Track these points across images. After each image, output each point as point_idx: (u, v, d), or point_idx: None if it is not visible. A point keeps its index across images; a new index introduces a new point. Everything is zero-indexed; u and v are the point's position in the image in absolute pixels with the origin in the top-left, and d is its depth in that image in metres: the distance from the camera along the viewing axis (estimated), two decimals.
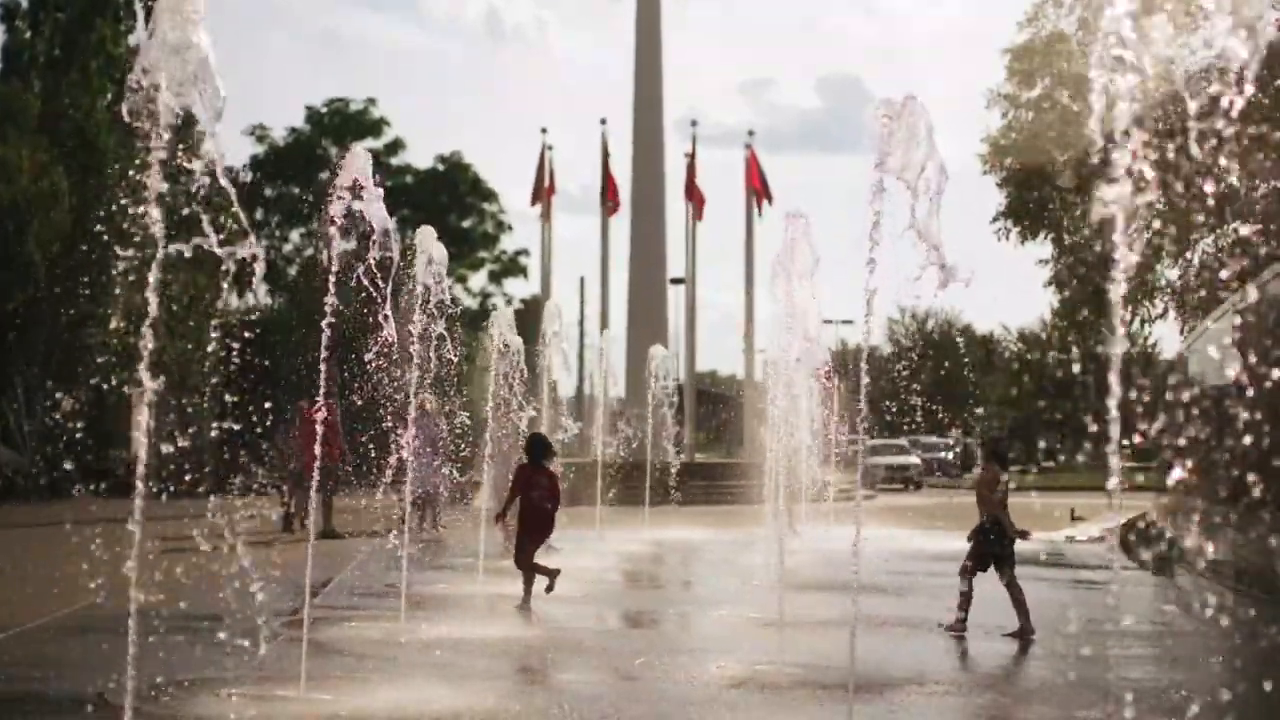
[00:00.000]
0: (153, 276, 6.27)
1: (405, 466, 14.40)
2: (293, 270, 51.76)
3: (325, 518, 22.06)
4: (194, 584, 10.89)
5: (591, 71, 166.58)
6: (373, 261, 10.43)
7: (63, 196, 31.95)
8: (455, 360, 15.47)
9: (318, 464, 11.29)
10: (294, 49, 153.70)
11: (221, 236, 6.37)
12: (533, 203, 45.46)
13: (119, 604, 6.97)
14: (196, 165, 6.27)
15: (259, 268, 6.59)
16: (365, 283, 10.53)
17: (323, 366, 9.86)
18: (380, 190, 10.07)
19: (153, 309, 6.31)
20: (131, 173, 6.28)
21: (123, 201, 6.42)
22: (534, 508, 13.98)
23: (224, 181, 6.34)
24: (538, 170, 44.95)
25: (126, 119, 6.18)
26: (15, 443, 33.69)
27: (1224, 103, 3.66)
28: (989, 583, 12.46)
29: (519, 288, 58.11)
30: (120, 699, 7.22)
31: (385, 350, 11.38)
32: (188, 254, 6.35)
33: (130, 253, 6.39)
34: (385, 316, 11.02)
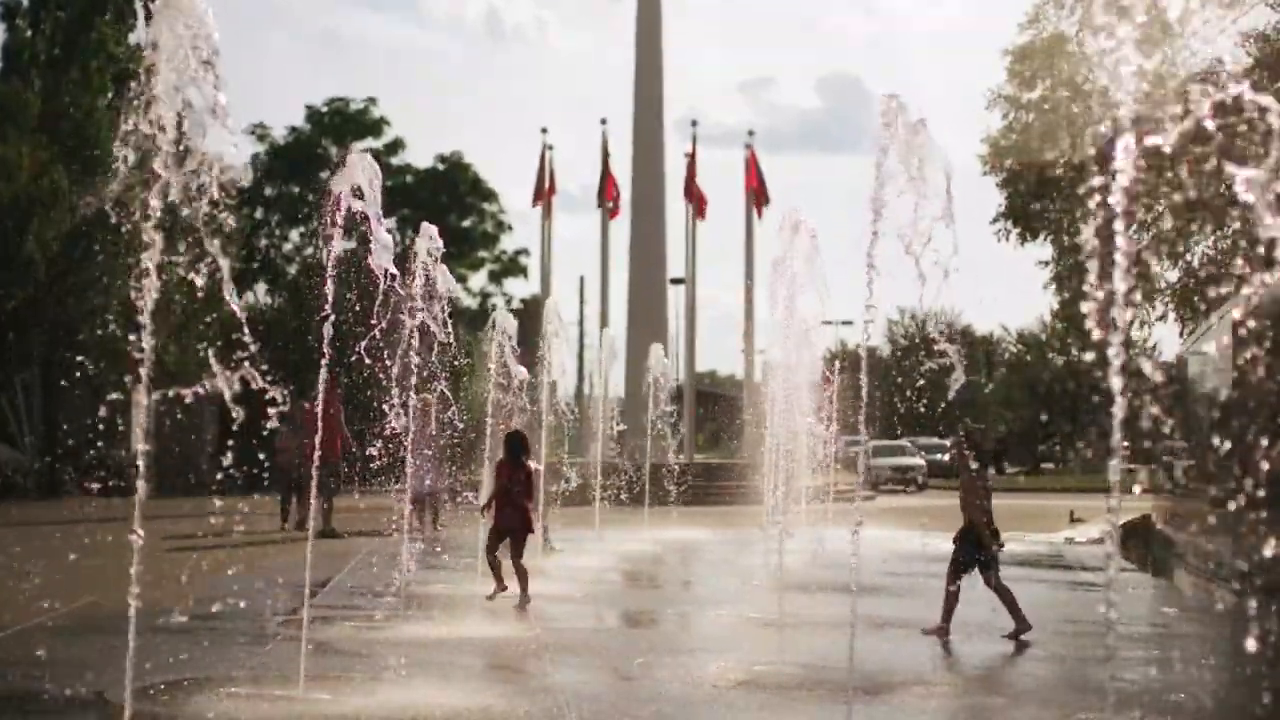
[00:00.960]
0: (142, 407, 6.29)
1: (405, 466, 14.44)
2: (292, 269, 51.76)
3: (325, 517, 22.07)
4: (193, 583, 10.93)
5: (592, 71, 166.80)
6: (379, 332, 10.51)
7: (63, 196, 31.93)
8: (459, 409, 15.65)
9: (316, 462, 11.28)
10: (294, 49, 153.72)
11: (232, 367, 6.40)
12: (534, 203, 45.48)
13: (118, 603, 6.98)
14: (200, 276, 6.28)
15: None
16: (368, 355, 10.60)
17: (323, 367, 9.85)
18: (390, 239, 10.04)
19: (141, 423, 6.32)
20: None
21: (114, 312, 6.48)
22: (511, 505, 14.19)
23: (232, 300, 6.36)
24: (539, 171, 44.97)
25: (109, 206, 6.19)
26: (15, 442, 33.69)
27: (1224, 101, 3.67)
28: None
29: (519, 287, 58.15)
30: (119, 698, 7.22)
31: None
32: (187, 397, 6.38)
33: (128, 378, 6.43)
34: (392, 406, 11.13)
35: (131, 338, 6.39)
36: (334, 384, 19.57)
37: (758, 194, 44.80)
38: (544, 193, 45.26)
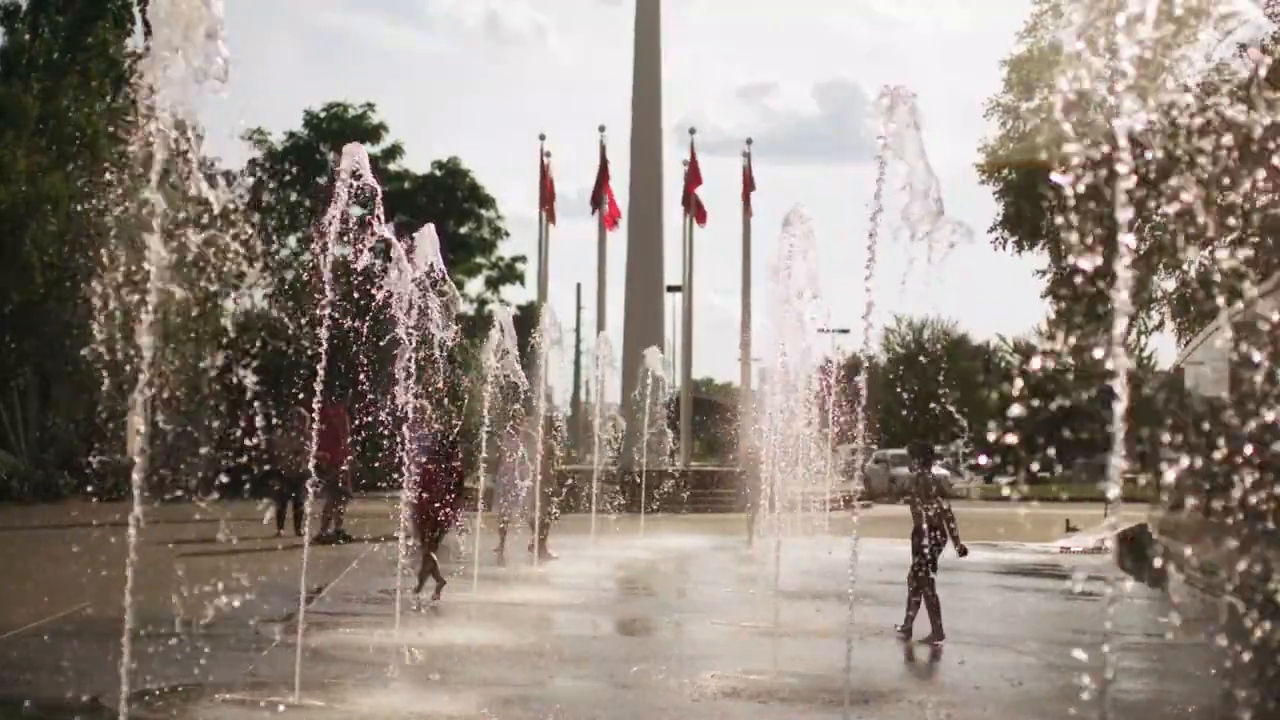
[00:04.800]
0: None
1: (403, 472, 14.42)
2: (289, 274, 51.70)
3: (336, 521, 22.06)
4: (189, 588, 10.88)
5: (591, 76, 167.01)
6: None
7: (61, 200, 31.92)
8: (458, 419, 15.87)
9: (312, 467, 11.29)
10: (292, 51, 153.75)
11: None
12: (540, 208, 45.45)
13: (113, 608, 6.97)
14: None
15: None
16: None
17: (320, 373, 9.83)
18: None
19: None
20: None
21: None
22: (442, 503, 14.78)
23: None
24: (541, 179, 44.97)
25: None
26: (11, 446, 33.64)
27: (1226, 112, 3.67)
28: (986, 592, 12.46)
29: (516, 294, 58.02)
30: (115, 704, 7.21)
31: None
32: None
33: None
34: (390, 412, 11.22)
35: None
36: (340, 391, 19.55)
37: (746, 204, 44.95)
38: (544, 199, 45.26)
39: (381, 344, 11.29)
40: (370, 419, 13.44)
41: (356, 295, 10.85)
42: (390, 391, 12.08)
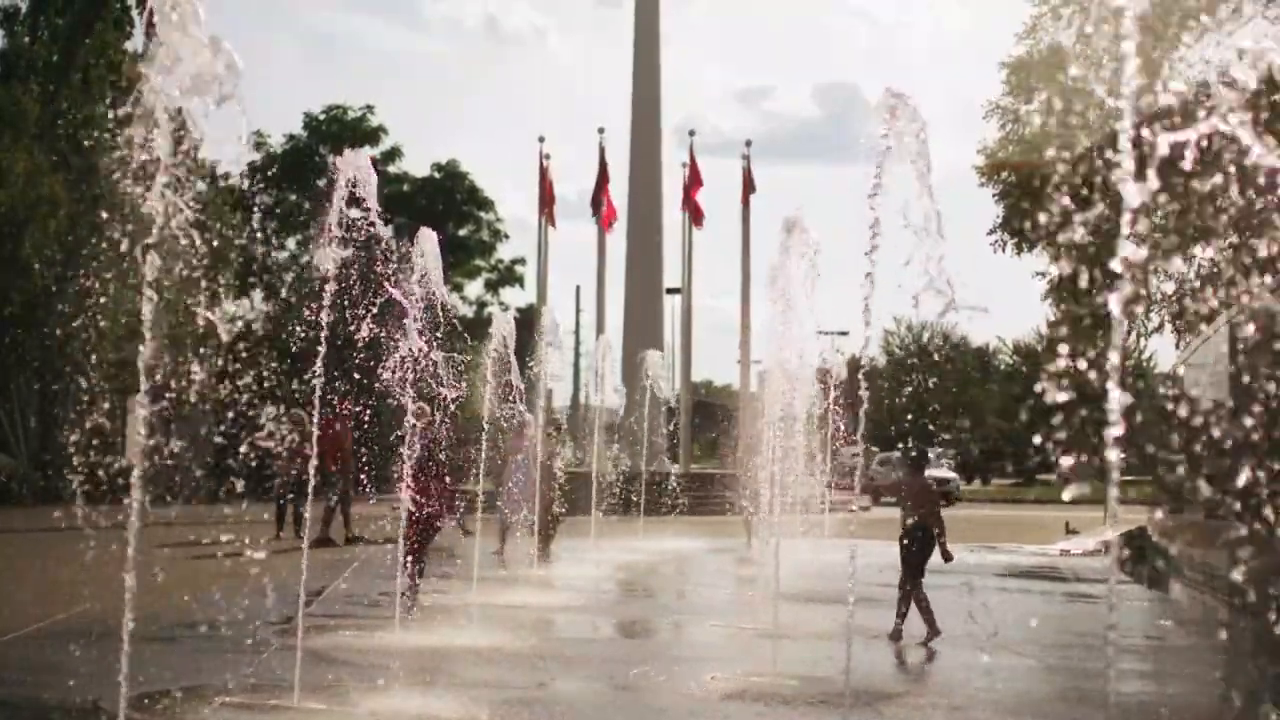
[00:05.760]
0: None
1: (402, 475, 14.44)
2: (288, 276, 51.68)
3: (324, 526, 22.05)
4: (189, 591, 10.90)
5: (591, 78, 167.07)
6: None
7: (61, 202, 31.91)
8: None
9: (312, 472, 11.30)
10: (292, 53, 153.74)
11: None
12: (540, 211, 45.42)
13: (113, 611, 6.97)
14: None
15: None
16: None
17: (318, 379, 9.83)
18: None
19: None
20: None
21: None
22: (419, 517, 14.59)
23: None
24: (540, 181, 44.95)
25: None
26: (10, 447, 33.63)
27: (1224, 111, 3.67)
28: (986, 594, 12.46)
29: (516, 296, 58.01)
30: (115, 707, 7.20)
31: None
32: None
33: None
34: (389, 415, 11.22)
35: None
36: (342, 395, 19.56)
37: (746, 206, 44.94)
38: (543, 202, 45.24)
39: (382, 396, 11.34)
40: (369, 426, 13.48)
41: (358, 362, 10.92)
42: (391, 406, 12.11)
